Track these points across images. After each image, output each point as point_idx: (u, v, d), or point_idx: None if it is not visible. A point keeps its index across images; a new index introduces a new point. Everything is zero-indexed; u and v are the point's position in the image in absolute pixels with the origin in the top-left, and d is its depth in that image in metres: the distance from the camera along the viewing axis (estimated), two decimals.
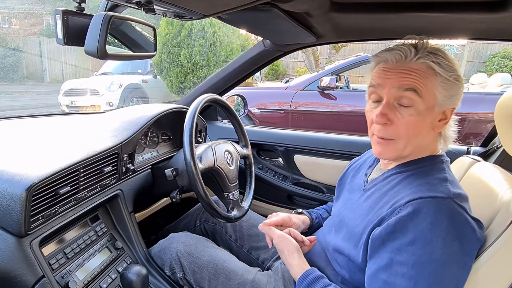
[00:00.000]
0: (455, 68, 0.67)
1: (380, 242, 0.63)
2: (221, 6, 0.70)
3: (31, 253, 0.72)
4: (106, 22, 0.70)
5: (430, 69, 0.66)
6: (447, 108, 0.69)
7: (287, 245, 0.79)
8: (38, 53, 11.03)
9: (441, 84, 0.66)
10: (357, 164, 0.92)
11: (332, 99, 3.82)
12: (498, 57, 8.70)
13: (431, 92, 0.66)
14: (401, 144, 0.69)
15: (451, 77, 0.66)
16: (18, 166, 0.74)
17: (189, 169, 0.93)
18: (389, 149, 0.70)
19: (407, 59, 0.66)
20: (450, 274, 0.58)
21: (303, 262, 0.77)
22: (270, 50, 1.35)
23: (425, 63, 0.65)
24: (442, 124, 0.70)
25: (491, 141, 1.27)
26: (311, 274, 0.73)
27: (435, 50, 0.67)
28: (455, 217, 0.59)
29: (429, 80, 0.65)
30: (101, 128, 1.06)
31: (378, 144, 0.71)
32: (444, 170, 0.68)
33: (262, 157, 1.64)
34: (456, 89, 0.68)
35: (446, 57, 0.67)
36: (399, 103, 0.67)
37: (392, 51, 0.68)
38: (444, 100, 0.67)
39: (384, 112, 0.67)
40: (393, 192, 0.69)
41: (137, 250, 1.01)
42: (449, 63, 0.67)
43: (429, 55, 0.66)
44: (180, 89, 7.07)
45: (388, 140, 0.69)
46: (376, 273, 0.63)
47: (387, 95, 0.67)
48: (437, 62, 0.65)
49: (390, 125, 0.68)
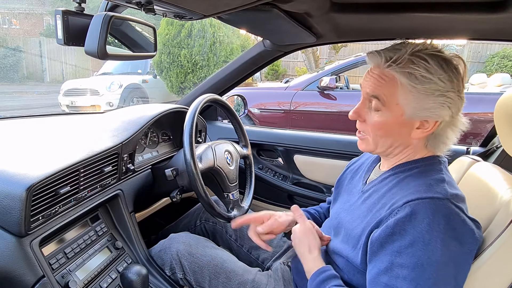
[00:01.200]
0: (435, 81, 0.63)
1: (379, 244, 0.63)
2: (221, 6, 0.70)
3: (31, 253, 0.72)
4: (106, 22, 0.70)
5: (394, 79, 0.66)
6: (423, 119, 0.66)
7: (311, 239, 0.78)
8: (38, 53, 11.04)
9: (406, 95, 0.65)
10: (355, 166, 0.92)
11: (332, 99, 3.82)
12: (498, 57, 8.70)
13: (397, 101, 0.66)
14: (371, 141, 0.73)
15: (423, 90, 0.64)
16: (18, 166, 0.75)
17: (189, 169, 0.93)
18: (363, 143, 0.75)
19: (380, 65, 0.68)
20: (450, 275, 0.59)
21: (321, 260, 0.76)
22: (270, 50, 1.35)
23: (390, 72, 0.66)
24: (421, 132, 0.68)
25: (491, 141, 1.27)
26: (327, 271, 0.72)
27: (416, 59, 0.64)
28: (452, 218, 0.59)
29: (393, 89, 0.66)
30: (101, 128, 1.06)
31: (357, 137, 0.77)
32: (441, 171, 0.68)
33: (262, 157, 1.64)
34: (432, 102, 0.64)
35: (428, 67, 0.63)
36: (370, 105, 0.70)
37: (374, 55, 0.69)
38: (414, 111, 0.65)
39: (357, 110, 0.73)
40: (390, 194, 0.69)
41: (137, 250, 1.01)
42: (425, 75, 0.63)
43: (400, 64, 0.64)
44: (180, 89, 7.07)
45: (363, 135, 0.75)
46: (377, 276, 0.63)
47: (363, 95, 0.72)
48: (409, 73, 0.64)
49: (362, 122, 0.74)
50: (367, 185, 0.79)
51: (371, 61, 0.70)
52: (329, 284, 0.70)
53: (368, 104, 0.71)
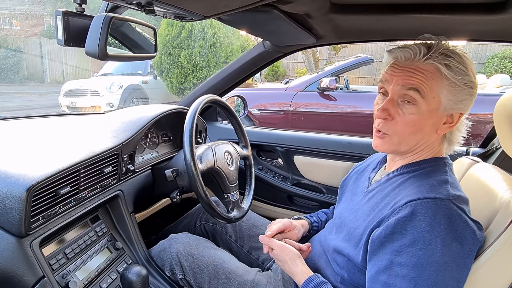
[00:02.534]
0: (468, 73, 0.66)
1: (380, 243, 0.63)
2: (221, 7, 0.70)
3: (32, 254, 0.72)
4: (106, 23, 0.71)
5: (437, 71, 0.65)
6: (454, 112, 0.68)
7: (288, 254, 0.79)
8: (38, 54, 11.04)
9: (448, 88, 0.65)
10: (361, 167, 0.92)
11: (331, 100, 3.82)
12: (497, 58, 8.71)
13: (435, 94, 0.65)
14: (395, 139, 0.70)
15: (461, 82, 0.65)
16: (18, 167, 0.75)
17: (189, 170, 0.93)
18: (385, 142, 0.72)
19: (416, 58, 0.66)
20: (450, 275, 0.59)
21: (306, 268, 0.78)
22: (270, 51, 1.35)
23: (433, 64, 0.65)
24: (447, 127, 0.69)
25: (490, 142, 1.28)
26: (314, 280, 0.74)
27: (449, 52, 0.66)
28: (453, 219, 0.59)
29: (434, 82, 0.65)
30: (101, 128, 1.07)
31: (376, 138, 0.73)
32: (446, 173, 0.68)
33: (262, 158, 1.64)
34: (465, 95, 0.66)
35: (461, 61, 0.65)
36: (402, 100, 0.67)
37: (403, 49, 0.68)
38: (450, 104, 0.66)
39: (386, 107, 0.69)
40: (394, 194, 0.69)
41: (137, 251, 1.01)
42: (461, 67, 0.65)
43: (439, 57, 0.65)
44: (180, 90, 7.07)
45: (384, 134, 0.71)
46: (376, 275, 0.63)
47: (392, 91, 0.68)
48: (447, 65, 0.64)
49: (390, 120, 0.69)
50: (371, 185, 0.79)
51: (400, 55, 0.68)
52: None
53: (397, 100, 0.68)
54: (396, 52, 0.69)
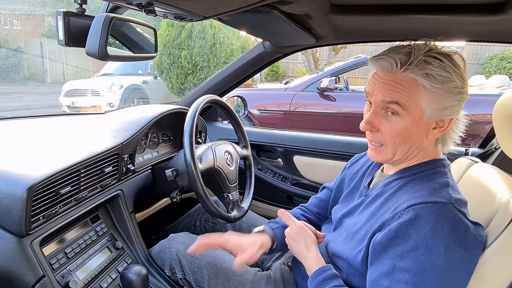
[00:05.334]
0: (453, 79, 0.63)
1: (382, 248, 0.63)
2: (221, 8, 0.71)
3: (32, 253, 0.73)
4: (107, 23, 0.71)
5: (415, 82, 0.63)
6: (441, 118, 0.66)
7: (306, 236, 0.78)
8: (39, 54, 11.06)
9: (428, 97, 0.63)
10: (356, 166, 0.92)
11: (331, 100, 3.83)
12: (496, 59, 8.71)
13: (416, 104, 0.64)
14: (389, 150, 0.70)
15: (443, 90, 0.63)
16: (19, 166, 0.75)
17: (189, 170, 0.93)
18: (379, 154, 0.72)
19: (394, 69, 0.65)
20: (453, 281, 0.58)
21: (321, 256, 0.76)
22: (270, 52, 1.35)
23: (409, 76, 0.63)
24: (437, 132, 0.68)
25: (489, 142, 1.28)
26: (328, 270, 0.71)
27: (431, 59, 0.63)
28: (456, 223, 0.59)
29: (414, 92, 0.64)
30: (101, 128, 1.07)
31: (370, 149, 0.74)
32: (446, 175, 0.68)
33: (261, 158, 1.65)
34: (451, 101, 0.65)
35: (445, 65, 0.63)
36: (385, 111, 0.67)
37: (382, 60, 0.66)
38: (435, 111, 0.65)
39: (369, 120, 0.69)
40: (394, 197, 0.68)
41: (137, 250, 1.01)
42: (444, 74, 0.63)
43: (417, 66, 0.63)
44: (180, 90, 7.08)
45: (378, 146, 0.71)
46: (378, 279, 0.62)
47: (374, 103, 0.68)
48: (427, 74, 0.62)
49: (376, 132, 0.69)
50: (370, 189, 0.78)
51: (379, 66, 0.67)
52: (330, 283, 0.69)
53: (381, 112, 0.68)
54: (376, 62, 0.68)
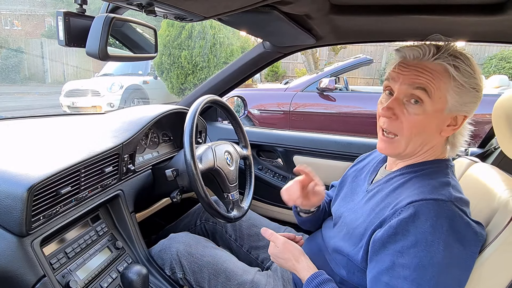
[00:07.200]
0: (475, 76, 0.65)
1: (382, 244, 0.63)
2: (221, 8, 0.71)
3: (32, 253, 0.73)
4: (107, 23, 0.71)
5: (445, 72, 0.64)
6: (458, 114, 0.67)
7: (292, 251, 0.79)
8: (39, 54, 11.06)
9: (455, 89, 0.64)
10: (360, 165, 0.92)
11: (331, 100, 3.82)
12: (496, 59, 8.70)
13: (442, 95, 0.65)
14: (403, 142, 0.69)
15: (467, 84, 0.64)
16: (19, 166, 0.75)
17: (189, 170, 0.93)
18: (391, 145, 0.71)
19: (425, 57, 0.65)
20: (452, 277, 0.59)
21: (311, 264, 0.77)
22: (270, 52, 1.35)
23: (442, 64, 0.64)
24: (451, 129, 0.68)
25: (489, 142, 1.28)
26: (319, 276, 0.73)
27: (457, 54, 0.65)
28: (456, 220, 0.59)
29: (442, 82, 0.64)
30: (102, 128, 1.07)
31: (382, 140, 0.72)
32: (448, 175, 0.68)
33: (261, 158, 1.65)
34: (471, 97, 0.66)
35: (468, 63, 0.65)
36: (408, 100, 0.67)
37: (412, 48, 0.67)
38: (456, 105, 0.65)
39: (391, 106, 0.68)
40: (395, 194, 0.69)
41: (138, 250, 1.01)
42: (469, 70, 0.65)
43: (448, 58, 0.64)
44: (180, 90, 7.08)
45: (391, 138, 0.70)
46: (378, 275, 0.63)
47: (398, 90, 0.68)
48: (455, 66, 0.64)
49: (395, 119, 0.68)
50: (372, 185, 0.79)
51: (410, 53, 0.67)
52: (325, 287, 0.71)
53: (403, 99, 0.67)
54: (404, 51, 0.68)
